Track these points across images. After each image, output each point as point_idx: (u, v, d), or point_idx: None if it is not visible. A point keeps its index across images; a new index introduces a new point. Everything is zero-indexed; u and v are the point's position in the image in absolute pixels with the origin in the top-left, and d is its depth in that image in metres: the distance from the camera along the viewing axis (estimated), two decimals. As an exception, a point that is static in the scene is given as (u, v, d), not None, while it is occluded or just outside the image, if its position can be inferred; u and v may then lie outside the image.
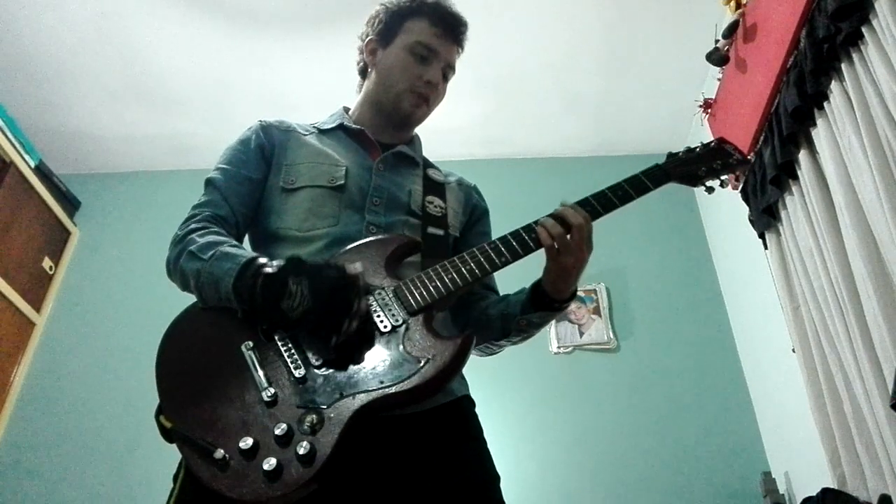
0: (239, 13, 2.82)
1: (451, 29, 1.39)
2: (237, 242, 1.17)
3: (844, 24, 1.93)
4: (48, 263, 3.19)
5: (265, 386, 0.97)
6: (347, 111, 1.46)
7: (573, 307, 3.05)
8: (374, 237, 1.21)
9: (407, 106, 1.37)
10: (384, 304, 1.07)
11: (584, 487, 2.75)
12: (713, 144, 1.39)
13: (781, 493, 2.59)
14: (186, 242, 1.14)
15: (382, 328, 1.04)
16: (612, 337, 3.09)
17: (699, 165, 1.34)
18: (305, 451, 0.90)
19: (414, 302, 1.07)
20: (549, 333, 3.07)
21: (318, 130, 1.40)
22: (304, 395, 0.97)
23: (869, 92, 1.89)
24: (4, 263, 2.90)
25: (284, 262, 1.01)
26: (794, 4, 2.20)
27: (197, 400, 0.98)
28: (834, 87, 2.08)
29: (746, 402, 2.92)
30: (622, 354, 3.06)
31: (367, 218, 1.25)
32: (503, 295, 1.35)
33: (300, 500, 0.91)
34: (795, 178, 2.34)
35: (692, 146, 1.38)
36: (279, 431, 0.92)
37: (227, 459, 0.91)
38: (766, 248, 2.57)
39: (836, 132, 2.08)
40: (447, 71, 1.41)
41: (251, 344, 1.02)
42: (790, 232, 2.38)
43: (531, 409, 2.92)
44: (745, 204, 2.69)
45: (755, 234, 2.63)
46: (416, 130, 1.48)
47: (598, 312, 3.15)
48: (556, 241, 1.14)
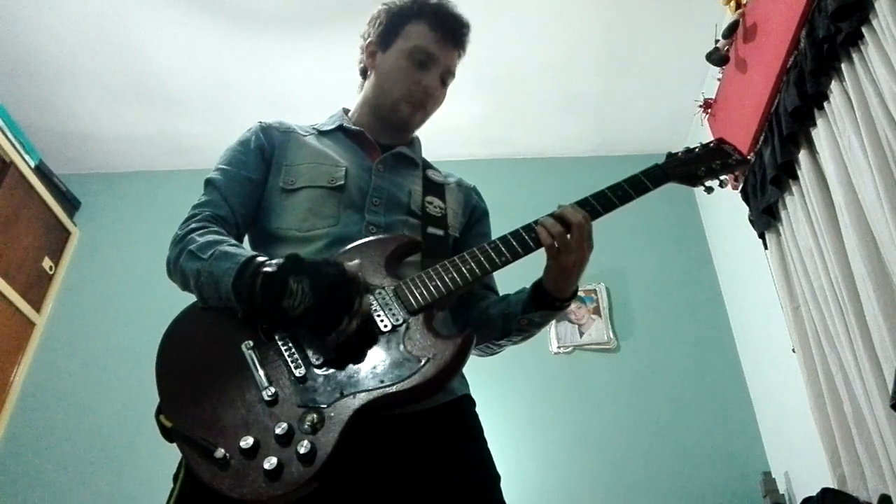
0: (239, 13, 2.82)
1: (451, 33, 1.38)
2: (237, 242, 1.17)
3: (844, 24, 1.93)
4: (48, 263, 3.19)
5: (265, 385, 0.97)
6: (347, 113, 1.46)
7: (573, 307, 3.05)
8: (374, 237, 1.21)
9: (404, 112, 1.37)
10: (384, 303, 1.07)
11: (584, 487, 2.75)
12: (712, 145, 1.39)
13: (781, 493, 2.59)
14: (186, 242, 1.14)
15: (383, 327, 1.04)
16: (612, 337, 3.09)
17: (698, 165, 1.34)
18: (306, 450, 0.90)
19: (414, 301, 1.07)
20: (549, 333, 3.07)
21: (317, 132, 1.40)
22: (304, 394, 0.97)
23: (869, 92, 1.89)
24: (4, 263, 2.90)
25: (284, 260, 1.01)
26: (794, 4, 2.20)
27: (197, 399, 0.98)
28: (834, 87, 2.08)
29: (746, 402, 2.92)
30: (622, 354, 3.06)
31: (366, 218, 1.24)
32: (503, 295, 1.35)
33: (301, 499, 0.91)
34: (795, 178, 2.34)
35: (691, 146, 1.38)
36: (280, 430, 0.92)
37: (227, 459, 0.91)
38: (766, 248, 2.57)
39: (836, 132, 2.08)
40: (446, 76, 1.40)
41: (251, 343, 1.02)
42: (790, 232, 2.38)
43: (531, 409, 2.92)
44: (745, 204, 2.69)
45: (755, 234, 2.63)
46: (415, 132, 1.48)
47: (598, 312, 3.15)
48: (556, 239, 1.14)
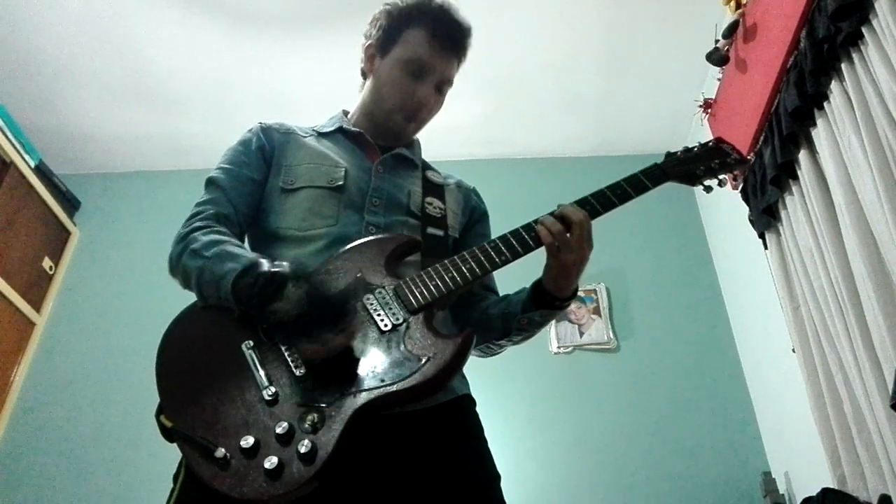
0: (239, 13, 2.82)
1: (450, 41, 1.35)
2: (240, 242, 1.17)
3: (844, 24, 1.93)
4: (48, 263, 3.19)
5: (266, 385, 0.97)
6: (346, 114, 1.46)
7: (573, 307, 3.05)
8: (373, 236, 1.21)
9: (397, 122, 1.37)
10: (384, 302, 1.07)
11: (584, 487, 2.75)
12: (711, 144, 1.40)
13: (781, 493, 2.59)
14: (189, 240, 1.14)
15: (383, 327, 1.04)
16: (612, 337, 3.09)
17: (697, 165, 1.34)
18: (307, 449, 0.90)
19: (414, 301, 1.07)
20: (549, 333, 3.07)
21: (317, 133, 1.40)
22: (304, 393, 0.97)
23: (869, 92, 1.89)
24: (4, 263, 2.90)
25: (287, 265, 1.02)
26: (794, 4, 2.20)
27: (197, 399, 0.98)
28: (834, 87, 2.08)
29: (746, 402, 2.92)
30: (622, 354, 3.06)
31: (366, 218, 1.25)
32: (503, 295, 1.35)
33: (301, 498, 0.91)
34: (795, 178, 2.34)
35: (690, 146, 1.38)
36: (280, 430, 0.92)
37: (227, 458, 0.91)
38: (766, 248, 2.57)
39: (836, 132, 2.08)
40: (443, 85, 1.38)
41: (252, 343, 1.02)
42: (790, 232, 2.38)
43: (531, 409, 2.92)
44: (745, 204, 2.69)
45: (755, 234, 2.63)
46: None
47: (598, 312, 3.15)
48: (556, 238, 1.14)
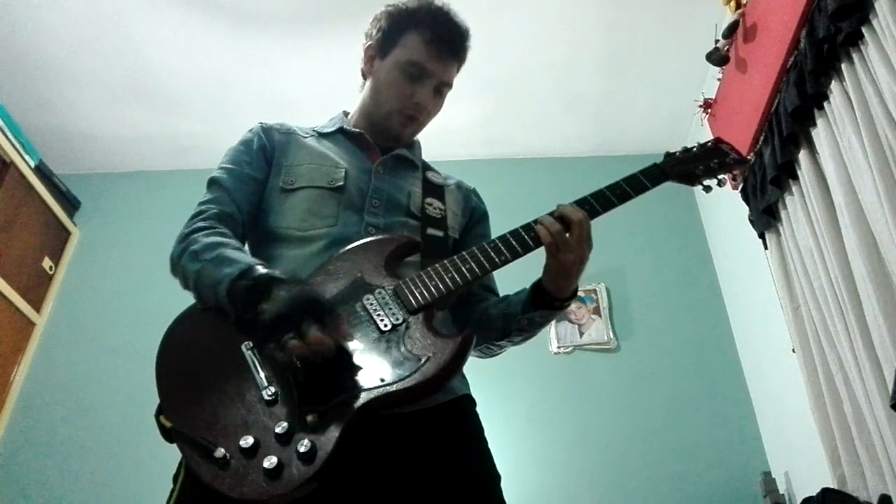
0: (239, 13, 2.82)
1: (448, 45, 1.35)
2: (240, 245, 1.17)
3: (844, 24, 1.93)
4: (48, 263, 3.19)
5: (265, 385, 0.97)
6: (347, 115, 1.46)
7: (573, 307, 3.05)
8: (373, 237, 1.21)
9: (395, 125, 1.37)
10: (384, 302, 1.07)
11: (584, 487, 2.75)
12: (710, 144, 1.40)
13: (781, 493, 2.59)
14: (189, 241, 1.15)
15: (383, 327, 1.04)
16: (612, 337, 3.09)
17: (696, 164, 1.35)
18: (306, 449, 0.90)
19: (414, 301, 1.07)
20: (549, 333, 3.07)
21: (317, 134, 1.40)
22: (304, 393, 0.96)
23: (869, 92, 1.89)
24: (4, 263, 2.90)
25: (280, 272, 1.03)
26: (794, 4, 2.20)
27: (197, 399, 0.98)
28: (834, 87, 2.08)
29: (746, 401, 2.92)
30: (622, 354, 3.06)
31: (366, 219, 1.25)
32: (503, 295, 1.35)
33: (301, 498, 0.91)
34: (795, 178, 2.34)
35: (689, 146, 1.38)
36: (280, 430, 0.92)
37: (227, 458, 0.91)
38: (766, 248, 2.57)
39: (836, 132, 2.08)
40: (442, 88, 1.38)
41: (252, 344, 1.02)
42: (790, 232, 2.38)
43: (531, 409, 2.92)
44: (745, 204, 2.69)
45: (755, 234, 2.63)
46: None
47: (598, 312, 3.15)
48: (555, 238, 1.14)
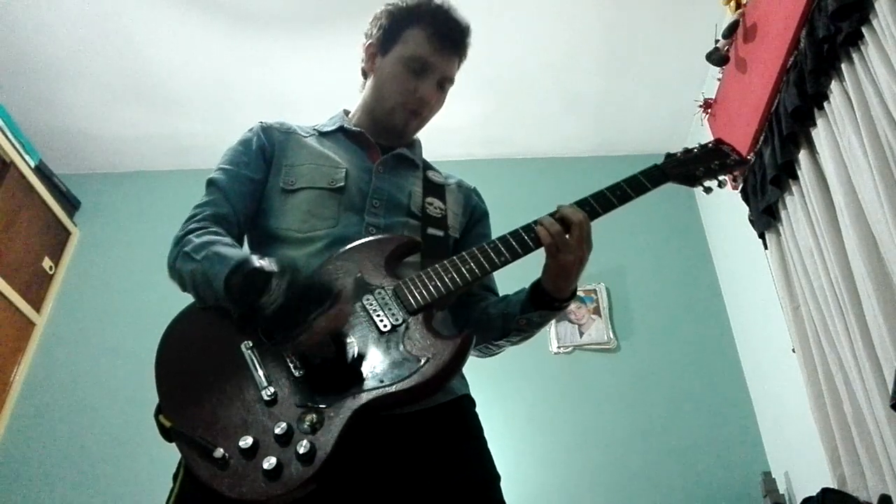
0: (239, 13, 2.82)
1: (450, 40, 1.36)
2: (233, 241, 1.17)
3: (844, 24, 1.93)
4: (48, 263, 3.19)
5: (265, 385, 0.97)
6: (347, 114, 1.46)
7: (573, 307, 3.05)
8: (373, 237, 1.20)
9: (399, 119, 1.37)
10: (384, 303, 1.07)
11: (584, 487, 2.75)
12: (711, 145, 1.40)
13: (781, 493, 2.59)
14: (183, 243, 1.15)
15: (382, 327, 1.04)
16: (612, 337, 3.09)
17: (697, 166, 1.34)
18: (305, 450, 0.90)
19: (414, 301, 1.07)
20: (549, 333, 3.07)
21: (318, 133, 1.40)
22: (303, 394, 0.97)
23: (869, 92, 1.89)
24: (4, 263, 2.90)
25: (276, 261, 1.01)
26: (794, 4, 2.20)
27: (196, 399, 0.98)
28: (834, 87, 2.08)
29: (746, 401, 2.92)
30: (622, 354, 3.06)
31: (366, 219, 1.25)
32: (503, 295, 1.35)
33: (300, 499, 0.91)
34: (795, 178, 2.34)
35: (690, 147, 1.38)
36: (279, 430, 0.92)
37: (226, 458, 0.91)
38: (766, 248, 2.57)
39: (836, 132, 2.08)
40: (444, 83, 1.38)
41: (251, 343, 1.02)
42: (790, 232, 2.38)
43: (531, 409, 2.92)
44: (745, 204, 2.69)
45: (755, 234, 2.63)
46: (415, 132, 1.47)
47: (598, 312, 3.15)
48: (555, 239, 1.14)
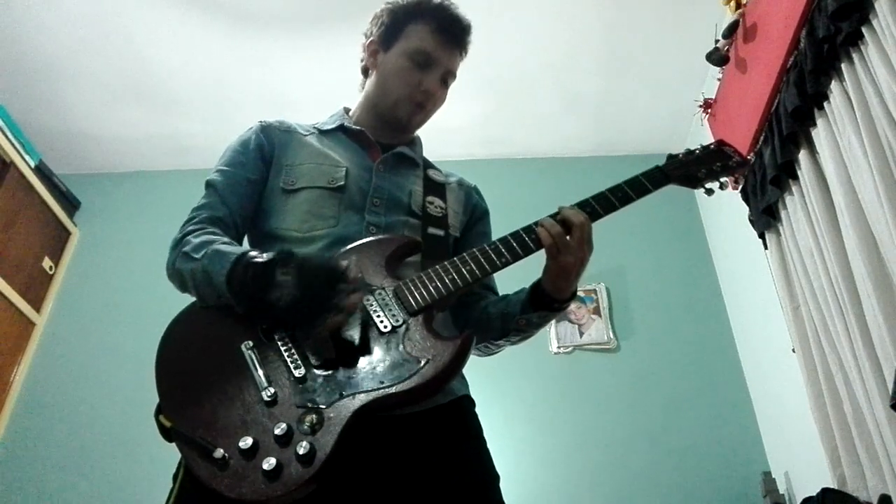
0: (239, 13, 2.82)
1: (452, 35, 1.37)
2: (231, 240, 1.17)
3: (844, 24, 1.93)
4: (48, 263, 3.19)
5: (265, 385, 0.97)
6: (348, 112, 1.46)
7: (573, 307, 3.05)
8: (374, 237, 1.21)
9: (404, 113, 1.37)
10: (384, 303, 1.07)
11: (584, 487, 2.75)
12: (712, 146, 1.39)
13: (781, 493, 2.59)
14: (182, 245, 1.15)
15: (382, 328, 1.04)
16: (612, 337, 3.09)
17: (698, 167, 1.34)
18: (305, 450, 0.90)
19: (414, 302, 1.07)
20: (549, 333, 3.07)
21: (318, 131, 1.40)
22: (303, 394, 0.97)
23: (869, 92, 1.89)
24: (4, 263, 2.90)
25: (274, 253, 1.02)
26: (794, 4, 2.20)
27: (196, 399, 0.98)
28: (834, 87, 2.08)
29: (746, 401, 2.92)
30: (622, 354, 3.06)
31: (367, 218, 1.24)
32: (503, 295, 1.35)
33: (300, 499, 0.91)
34: (795, 178, 2.34)
35: (691, 148, 1.38)
36: (279, 431, 0.92)
37: (226, 459, 0.91)
38: (766, 248, 2.57)
39: (836, 132, 2.08)
40: (447, 77, 1.39)
41: (251, 343, 1.02)
42: (790, 232, 2.38)
43: (531, 409, 2.92)
44: (745, 204, 2.69)
45: (755, 234, 2.63)
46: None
47: (598, 312, 3.15)
48: (555, 240, 1.14)
